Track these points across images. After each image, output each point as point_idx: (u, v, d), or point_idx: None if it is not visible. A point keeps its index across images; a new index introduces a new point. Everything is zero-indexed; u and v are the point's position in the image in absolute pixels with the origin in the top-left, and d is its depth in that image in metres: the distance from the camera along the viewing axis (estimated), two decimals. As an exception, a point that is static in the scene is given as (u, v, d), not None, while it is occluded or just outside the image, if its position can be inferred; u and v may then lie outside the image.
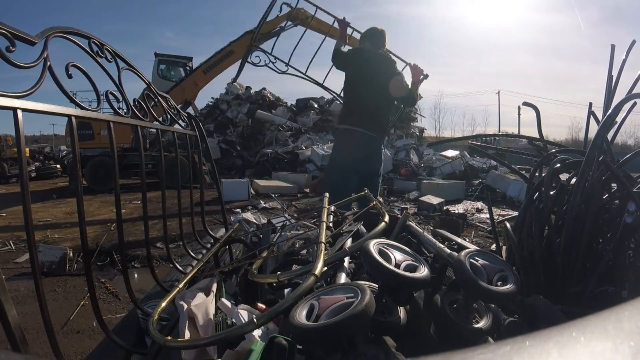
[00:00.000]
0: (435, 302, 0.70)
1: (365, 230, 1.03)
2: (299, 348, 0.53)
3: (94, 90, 0.90)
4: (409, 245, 0.87)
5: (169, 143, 5.68)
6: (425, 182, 7.78)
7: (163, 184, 1.27)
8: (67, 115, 0.79)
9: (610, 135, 1.18)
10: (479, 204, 6.43)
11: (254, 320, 0.57)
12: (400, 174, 9.26)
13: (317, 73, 4.48)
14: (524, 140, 1.65)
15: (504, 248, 1.43)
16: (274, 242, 1.22)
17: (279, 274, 0.79)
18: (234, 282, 1.08)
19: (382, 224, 0.91)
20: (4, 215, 5.44)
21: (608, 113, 1.11)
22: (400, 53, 3.79)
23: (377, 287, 0.66)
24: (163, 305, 0.83)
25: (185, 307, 0.80)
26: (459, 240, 1.09)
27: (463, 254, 0.71)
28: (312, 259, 0.87)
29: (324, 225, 0.90)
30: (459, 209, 6.01)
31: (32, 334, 1.77)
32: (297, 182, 8.03)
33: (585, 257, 1.04)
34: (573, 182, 1.14)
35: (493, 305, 0.72)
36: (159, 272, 1.34)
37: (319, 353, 0.53)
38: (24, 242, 3.56)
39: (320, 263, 0.68)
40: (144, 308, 1.02)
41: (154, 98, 1.24)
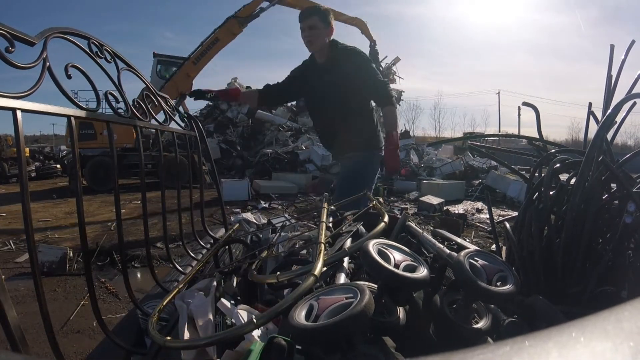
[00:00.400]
0: (435, 302, 0.70)
1: (365, 231, 1.03)
2: (298, 348, 0.53)
3: (94, 91, 0.91)
4: (409, 246, 0.87)
5: (169, 143, 5.68)
6: (425, 182, 7.78)
7: (163, 184, 1.27)
8: (66, 116, 0.79)
9: (610, 136, 1.18)
10: (479, 204, 6.44)
11: (254, 321, 0.57)
12: (400, 174, 9.25)
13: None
14: (524, 141, 1.65)
15: (504, 248, 1.43)
16: (274, 242, 1.22)
17: (279, 274, 0.78)
18: (234, 282, 1.08)
19: (381, 224, 0.91)
20: (4, 215, 5.45)
21: (607, 113, 1.11)
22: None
23: (376, 287, 0.66)
24: (163, 306, 0.83)
25: (185, 307, 0.80)
26: (459, 241, 1.08)
27: (462, 254, 0.71)
28: (311, 259, 0.87)
29: (324, 226, 0.90)
30: (459, 209, 6.02)
31: (32, 334, 1.76)
32: (297, 182, 8.04)
33: (585, 257, 1.04)
34: (573, 182, 1.14)
35: (492, 306, 0.72)
36: (159, 272, 1.33)
37: (318, 353, 0.52)
38: (24, 241, 3.54)
39: (320, 263, 0.68)
40: (144, 308, 1.02)
41: (154, 98, 1.25)
